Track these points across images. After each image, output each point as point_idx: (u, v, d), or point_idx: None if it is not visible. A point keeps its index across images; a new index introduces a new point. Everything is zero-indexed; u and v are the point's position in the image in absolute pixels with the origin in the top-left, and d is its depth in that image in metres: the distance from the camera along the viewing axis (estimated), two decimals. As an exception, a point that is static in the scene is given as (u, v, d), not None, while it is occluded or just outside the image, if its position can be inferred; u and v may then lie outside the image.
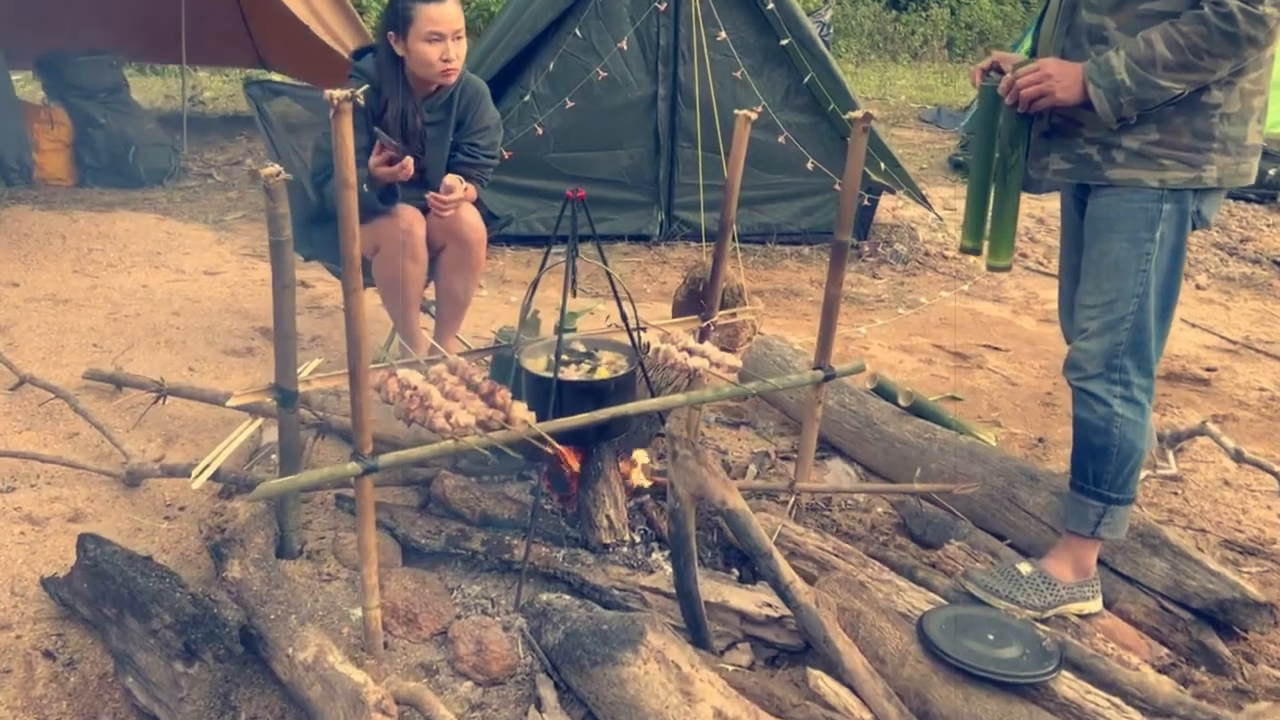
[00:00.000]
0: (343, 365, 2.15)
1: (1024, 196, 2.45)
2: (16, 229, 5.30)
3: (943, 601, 2.35)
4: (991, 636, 2.17)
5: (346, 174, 1.92)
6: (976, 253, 2.52)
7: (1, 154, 5.78)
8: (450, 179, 3.17)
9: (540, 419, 2.28)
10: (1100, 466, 2.34)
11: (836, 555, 2.49)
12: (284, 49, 7.95)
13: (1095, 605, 2.42)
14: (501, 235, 5.02)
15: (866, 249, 5.79)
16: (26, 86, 7.78)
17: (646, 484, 2.72)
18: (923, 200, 5.88)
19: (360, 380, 2.06)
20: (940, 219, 6.26)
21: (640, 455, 2.77)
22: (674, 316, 4.15)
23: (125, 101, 6.60)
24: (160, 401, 3.17)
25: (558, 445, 2.38)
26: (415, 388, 2.26)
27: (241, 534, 2.39)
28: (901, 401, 3.22)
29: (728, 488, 2.23)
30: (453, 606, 2.40)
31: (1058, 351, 4.26)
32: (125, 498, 2.80)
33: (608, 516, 2.54)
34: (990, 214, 2.43)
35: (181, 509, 2.76)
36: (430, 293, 3.53)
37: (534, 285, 2.50)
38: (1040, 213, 6.55)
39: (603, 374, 2.55)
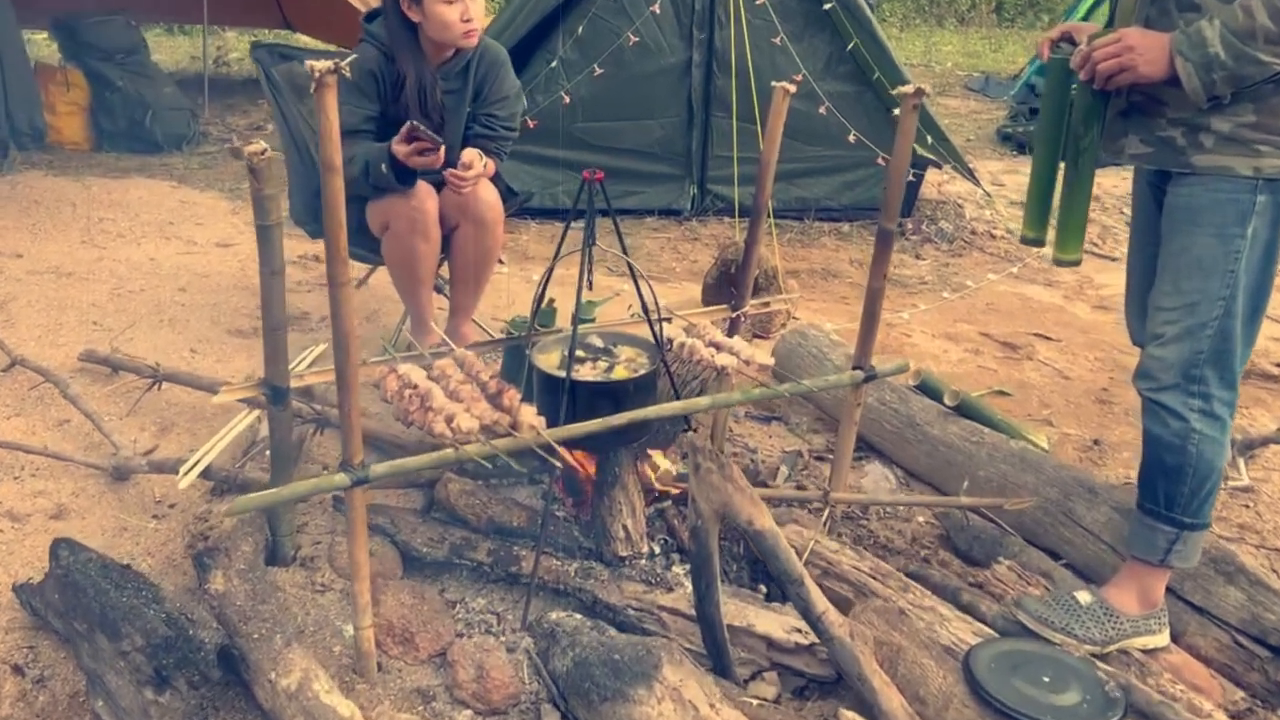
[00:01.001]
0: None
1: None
2: (28, 195, 5.15)
3: (991, 633, 2.13)
4: (1047, 678, 1.95)
5: (331, 155, 1.70)
6: (1040, 244, 2.27)
7: (13, 117, 5.62)
8: (468, 154, 2.96)
9: (552, 422, 2.07)
10: (1173, 488, 2.10)
11: (874, 577, 2.27)
12: (308, 10, 7.77)
13: (1162, 639, 2.19)
14: (525, 209, 4.80)
15: (910, 227, 5.51)
16: (47, 47, 7.62)
17: (672, 491, 2.51)
18: (970, 175, 5.57)
19: (348, 384, 1.86)
20: (988, 195, 5.95)
21: (662, 459, 2.55)
22: (703, 301, 3.93)
23: (143, 63, 6.43)
24: (155, 387, 3.00)
25: (568, 456, 2.17)
26: (416, 386, 2.06)
27: (227, 542, 2.20)
28: (947, 400, 2.98)
29: (755, 505, 2.01)
30: (454, 623, 2.22)
31: (1113, 342, 3.99)
32: (112, 493, 2.63)
33: (624, 526, 2.34)
34: (1059, 202, 2.18)
35: (171, 506, 2.59)
36: (446, 271, 3.32)
37: (547, 274, 2.28)
38: (1096, 190, 6.18)
39: (620, 373, 2.33)
